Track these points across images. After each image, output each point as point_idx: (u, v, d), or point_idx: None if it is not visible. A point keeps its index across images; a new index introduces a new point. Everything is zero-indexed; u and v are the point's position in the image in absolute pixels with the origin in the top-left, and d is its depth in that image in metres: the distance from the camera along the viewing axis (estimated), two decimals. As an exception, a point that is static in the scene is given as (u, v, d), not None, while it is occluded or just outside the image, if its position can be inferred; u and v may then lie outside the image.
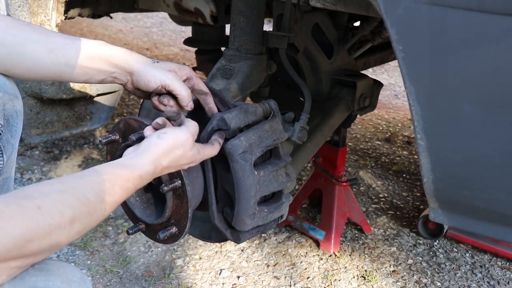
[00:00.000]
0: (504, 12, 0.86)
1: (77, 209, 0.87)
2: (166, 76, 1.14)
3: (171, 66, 1.18)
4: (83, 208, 0.88)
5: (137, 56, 1.16)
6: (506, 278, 2.07)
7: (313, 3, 1.34)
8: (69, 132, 1.95)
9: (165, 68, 1.16)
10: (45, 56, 1.08)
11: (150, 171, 1.02)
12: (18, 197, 0.82)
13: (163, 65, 1.17)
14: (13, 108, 1.09)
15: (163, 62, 1.18)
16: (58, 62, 1.10)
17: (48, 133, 1.89)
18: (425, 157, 1.07)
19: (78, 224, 0.86)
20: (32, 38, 1.07)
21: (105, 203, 0.91)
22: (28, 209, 0.80)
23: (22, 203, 0.81)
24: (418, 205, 2.55)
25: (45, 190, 0.86)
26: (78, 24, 5.35)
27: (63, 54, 1.10)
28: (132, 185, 0.98)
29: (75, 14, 2.01)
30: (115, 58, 1.13)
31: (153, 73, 1.14)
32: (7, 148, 1.09)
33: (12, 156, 1.12)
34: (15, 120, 1.10)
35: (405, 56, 0.97)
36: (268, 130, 1.23)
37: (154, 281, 1.95)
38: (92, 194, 0.90)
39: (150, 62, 1.16)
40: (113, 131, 1.23)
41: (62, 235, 0.83)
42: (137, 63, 1.15)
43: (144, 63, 1.16)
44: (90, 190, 0.91)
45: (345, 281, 2.00)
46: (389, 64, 4.16)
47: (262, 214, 1.24)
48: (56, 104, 1.87)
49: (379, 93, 1.93)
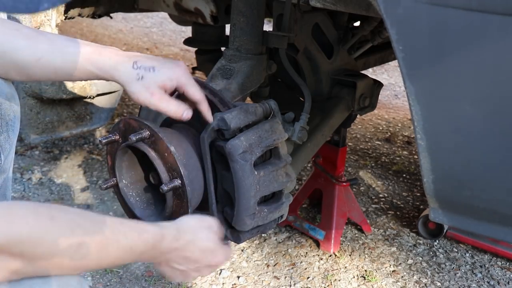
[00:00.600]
0: (504, 12, 0.86)
1: (89, 234, 0.85)
2: (149, 100, 1.09)
3: (158, 79, 1.09)
4: (96, 236, 0.86)
5: (124, 68, 1.09)
6: (506, 278, 2.07)
7: (313, 3, 1.34)
8: (69, 132, 1.95)
9: (150, 87, 1.08)
10: (34, 64, 1.06)
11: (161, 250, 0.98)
12: (37, 204, 0.84)
13: (149, 80, 1.09)
14: (11, 108, 1.09)
15: (150, 74, 1.09)
16: (46, 70, 1.08)
17: (48, 133, 1.89)
18: (425, 157, 1.07)
19: (85, 249, 0.84)
20: (20, 45, 1.05)
21: (119, 244, 0.89)
22: (41, 215, 0.81)
23: (38, 209, 0.81)
24: (418, 205, 2.55)
25: (65, 208, 0.86)
26: (78, 24, 5.34)
27: (50, 63, 1.07)
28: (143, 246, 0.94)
29: (75, 14, 2.01)
30: (101, 69, 1.09)
31: (137, 95, 1.09)
32: (5, 147, 1.09)
33: (10, 156, 1.12)
34: (13, 120, 1.10)
35: (405, 56, 0.97)
36: (268, 130, 1.23)
37: (154, 281, 1.95)
38: (110, 231, 0.89)
39: (134, 80, 1.08)
40: (113, 131, 1.24)
41: (66, 253, 0.82)
42: (122, 78, 1.09)
43: (129, 81, 1.08)
44: (109, 227, 0.89)
45: (345, 281, 2.00)
46: (389, 64, 4.16)
47: (262, 214, 1.24)
48: (56, 104, 1.87)
49: (379, 93, 1.93)
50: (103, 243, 0.87)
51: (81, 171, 2.67)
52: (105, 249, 0.88)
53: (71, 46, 1.09)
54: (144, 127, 1.17)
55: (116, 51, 1.11)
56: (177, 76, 1.11)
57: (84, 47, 1.09)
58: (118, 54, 1.10)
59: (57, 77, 1.12)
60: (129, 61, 1.09)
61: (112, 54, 1.09)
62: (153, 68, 1.09)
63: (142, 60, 1.09)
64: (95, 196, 2.45)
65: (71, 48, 1.09)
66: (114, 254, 0.89)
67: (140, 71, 1.08)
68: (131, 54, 1.11)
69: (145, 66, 1.09)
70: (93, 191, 2.49)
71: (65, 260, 0.83)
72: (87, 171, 2.66)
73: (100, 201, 2.42)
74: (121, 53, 1.10)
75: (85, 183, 2.56)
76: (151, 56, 1.13)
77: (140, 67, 1.09)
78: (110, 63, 1.08)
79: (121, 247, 0.90)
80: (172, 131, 1.26)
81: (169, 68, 1.10)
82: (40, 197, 2.42)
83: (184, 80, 1.12)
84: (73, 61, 1.08)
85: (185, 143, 1.23)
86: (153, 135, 1.16)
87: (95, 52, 1.09)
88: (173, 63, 1.12)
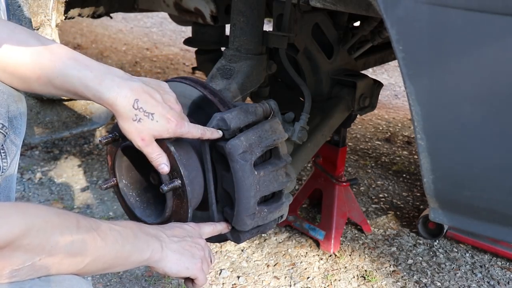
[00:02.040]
0: (504, 12, 0.86)
1: (88, 231, 0.90)
2: (136, 143, 1.09)
3: (154, 130, 1.07)
4: (92, 233, 0.91)
5: (122, 104, 1.05)
6: (506, 278, 2.07)
7: (313, 3, 1.34)
8: (69, 132, 1.95)
9: (143, 132, 1.07)
10: (34, 80, 1.06)
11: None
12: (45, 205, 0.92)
13: (146, 126, 1.07)
14: (17, 110, 1.10)
15: (148, 121, 1.06)
16: (45, 87, 1.07)
17: (48, 133, 1.89)
18: (425, 157, 1.07)
19: (83, 246, 0.88)
20: (25, 61, 1.04)
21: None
22: (51, 210, 0.87)
23: (49, 207, 0.88)
24: (418, 205, 2.55)
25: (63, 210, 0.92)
26: (78, 24, 5.34)
27: (49, 82, 1.06)
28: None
29: (75, 14, 2.01)
30: (100, 99, 1.05)
31: (127, 134, 1.08)
32: (11, 150, 1.10)
33: (15, 159, 1.13)
34: (19, 121, 1.11)
35: (405, 56, 0.97)
36: (268, 130, 1.23)
37: (154, 281, 1.95)
38: (106, 229, 0.95)
39: (131, 119, 1.06)
40: (113, 131, 1.23)
41: (67, 250, 0.85)
42: (118, 113, 1.07)
43: (125, 117, 1.06)
44: (103, 228, 0.95)
45: (345, 281, 2.00)
46: (389, 64, 4.16)
47: (262, 214, 1.24)
48: (56, 104, 1.87)
49: (379, 93, 1.93)
50: (99, 243, 0.91)
51: (81, 171, 2.67)
52: (101, 249, 0.91)
53: (73, 67, 1.05)
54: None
55: (119, 78, 1.06)
56: (173, 131, 1.09)
57: (85, 73, 1.04)
58: (120, 85, 1.05)
59: (58, 94, 1.13)
60: (130, 97, 1.05)
61: (114, 84, 1.05)
62: (152, 115, 1.06)
63: (144, 100, 1.06)
64: (95, 196, 2.45)
65: (73, 71, 1.05)
66: (108, 255, 0.93)
67: (139, 114, 1.05)
68: (135, 86, 1.06)
69: (145, 110, 1.06)
70: (93, 191, 2.49)
71: (65, 258, 0.85)
72: (87, 171, 2.66)
73: (100, 201, 2.42)
74: (123, 84, 1.05)
75: (85, 183, 2.56)
76: (152, 98, 1.08)
77: (140, 108, 1.06)
78: (110, 95, 1.04)
79: (114, 246, 0.94)
80: (172, 131, 1.26)
81: (167, 120, 1.08)
82: (40, 197, 2.42)
83: (180, 132, 1.11)
84: (72, 85, 1.05)
85: (185, 143, 1.23)
86: (153, 135, 1.16)
87: (95, 80, 1.05)
88: (171, 115, 1.10)
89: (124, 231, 0.98)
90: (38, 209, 0.85)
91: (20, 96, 1.12)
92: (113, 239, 0.94)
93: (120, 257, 0.96)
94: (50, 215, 0.85)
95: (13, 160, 1.11)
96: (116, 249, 0.94)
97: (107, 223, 0.96)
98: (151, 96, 1.07)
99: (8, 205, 0.84)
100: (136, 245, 0.99)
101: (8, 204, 0.84)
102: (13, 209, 0.81)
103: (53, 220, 0.85)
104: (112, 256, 0.94)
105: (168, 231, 1.10)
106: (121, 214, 2.30)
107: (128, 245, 0.97)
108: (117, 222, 1.00)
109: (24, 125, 1.13)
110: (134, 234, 1.00)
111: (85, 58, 1.08)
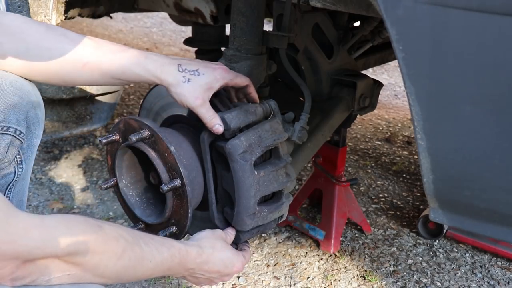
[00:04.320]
0: (504, 12, 0.85)
1: (130, 244, 0.91)
2: (192, 103, 1.12)
3: (203, 82, 1.12)
4: (135, 248, 0.92)
5: (170, 71, 1.12)
6: (506, 278, 2.07)
7: (313, 3, 1.34)
8: (69, 132, 1.95)
9: (196, 90, 1.12)
10: (80, 68, 1.10)
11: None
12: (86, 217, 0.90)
13: (195, 83, 1.11)
14: (35, 116, 1.11)
15: (196, 77, 1.12)
16: (92, 74, 1.12)
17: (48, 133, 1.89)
18: (425, 157, 1.07)
19: (127, 260, 0.89)
20: (66, 50, 1.07)
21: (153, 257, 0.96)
22: (93, 225, 0.88)
23: (89, 221, 0.89)
24: (418, 205, 2.55)
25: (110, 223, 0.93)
26: (78, 24, 5.34)
27: (96, 67, 1.10)
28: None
29: (75, 14, 2.01)
30: (149, 71, 1.12)
31: (182, 97, 1.12)
32: (27, 155, 1.11)
33: (30, 163, 1.14)
34: (36, 127, 1.12)
35: (405, 56, 0.97)
36: (268, 130, 1.23)
37: (154, 281, 1.95)
38: (145, 244, 0.95)
39: (181, 82, 1.11)
40: (113, 131, 1.24)
41: (110, 262, 0.87)
42: (169, 80, 1.12)
43: (175, 83, 1.12)
44: (144, 241, 0.96)
45: (345, 281, 2.00)
46: (389, 64, 4.16)
47: (262, 214, 1.24)
48: (56, 104, 1.87)
49: (379, 93, 1.93)
50: (140, 255, 0.92)
51: (81, 171, 2.67)
52: (140, 262, 0.93)
53: (117, 50, 1.12)
54: (144, 127, 1.17)
55: (159, 54, 1.15)
56: (221, 77, 1.15)
57: (131, 51, 1.12)
58: (162, 57, 1.13)
59: (103, 81, 1.15)
60: (174, 64, 1.12)
61: (157, 57, 1.13)
62: (197, 71, 1.13)
63: (186, 63, 1.13)
64: (95, 196, 2.45)
65: (118, 52, 1.11)
66: (147, 267, 0.94)
67: (186, 74, 1.12)
68: (173, 57, 1.15)
69: (189, 69, 1.12)
70: (93, 191, 2.49)
71: (108, 269, 0.87)
72: (87, 171, 2.66)
73: (100, 201, 2.42)
74: (164, 57, 1.14)
75: (85, 183, 2.56)
76: (191, 60, 1.17)
77: (185, 70, 1.12)
78: (156, 65, 1.11)
79: (154, 261, 0.95)
80: (172, 131, 1.26)
81: (212, 69, 1.15)
82: (40, 197, 2.42)
83: (228, 77, 1.17)
84: (121, 65, 1.10)
85: (185, 143, 1.23)
86: (153, 135, 1.16)
87: (141, 55, 1.12)
88: (214, 64, 1.17)
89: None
90: (81, 224, 0.86)
91: (40, 103, 1.13)
92: (143, 275, 0.96)
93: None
94: (94, 231, 0.86)
95: (28, 165, 1.12)
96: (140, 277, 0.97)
97: (147, 237, 0.98)
98: (189, 60, 1.15)
99: (83, 223, 0.86)
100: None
101: (83, 223, 0.86)
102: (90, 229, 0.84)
103: (96, 235, 0.86)
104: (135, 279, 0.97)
105: (205, 266, 1.10)
106: (121, 214, 2.30)
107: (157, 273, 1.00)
108: (155, 238, 1.01)
109: (41, 131, 1.15)
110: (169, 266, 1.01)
111: (123, 45, 1.15)
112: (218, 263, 1.12)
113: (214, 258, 1.11)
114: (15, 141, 1.07)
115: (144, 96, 1.44)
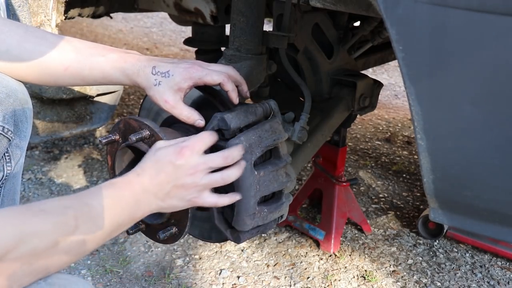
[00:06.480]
0: (504, 12, 0.85)
1: (78, 209, 0.87)
2: (163, 106, 1.11)
3: (172, 83, 1.10)
4: (84, 208, 0.89)
5: (144, 74, 1.10)
6: (506, 278, 2.07)
7: (313, 3, 1.34)
8: (69, 132, 1.95)
9: (165, 93, 1.10)
10: (62, 73, 1.10)
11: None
12: (21, 206, 0.86)
13: (165, 85, 1.10)
14: (23, 113, 1.11)
15: (165, 79, 1.10)
16: (74, 78, 1.12)
17: (48, 133, 1.89)
18: (425, 157, 1.07)
19: (82, 225, 0.86)
20: (47, 54, 1.08)
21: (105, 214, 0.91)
22: (32, 210, 0.83)
23: (28, 208, 0.84)
24: (418, 205, 2.55)
25: (46, 201, 0.89)
26: (78, 24, 5.34)
27: (78, 72, 1.11)
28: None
29: (75, 14, 2.01)
30: (127, 76, 1.11)
31: (154, 100, 1.12)
32: (15, 154, 1.10)
33: (20, 162, 1.13)
34: (24, 125, 1.12)
35: (405, 56, 0.97)
36: (268, 130, 1.23)
37: (154, 281, 1.95)
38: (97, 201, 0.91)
39: (152, 85, 1.10)
40: (113, 131, 1.23)
41: (67, 232, 0.84)
42: (143, 84, 1.11)
43: (148, 86, 1.11)
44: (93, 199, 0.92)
45: (345, 281, 2.00)
46: (389, 64, 4.16)
47: (262, 214, 1.24)
48: (56, 104, 1.87)
49: (379, 93, 1.93)
50: (92, 215, 0.89)
51: (81, 171, 2.67)
52: (95, 221, 0.89)
53: (97, 54, 1.11)
54: (144, 127, 1.17)
55: (138, 56, 1.13)
56: (190, 76, 1.12)
57: (110, 55, 1.11)
58: (140, 59, 1.12)
59: (85, 83, 1.16)
60: (149, 67, 1.11)
61: (135, 60, 1.12)
62: (168, 72, 1.11)
63: (160, 65, 1.11)
64: (95, 196, 2.45)
65: (98, 57, 1.11)
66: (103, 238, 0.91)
67: (158, 77, 1.11)
68: (152, 58, 1.13)
69: (161, 72, 1.11)
70: (93, 191, 2.49)
71: (70, 239, 0.84)
72: (87, 171, 2.66)
73: (100, 201, 2.41)
74: (143, 58, 1.12)
75: (85, 183, 2.56)
76: (169, 60, 1.14)
77: (158, 72, 1.11)
78: (134, 70, 1.11)
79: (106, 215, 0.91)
80: (172, 131, 1.26)
81: (183, 69, 1.12)
82: (40, 197, 2.42)
83: (198, 75, 1.12)
84: (101, 69, 1.11)
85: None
86: (153, 135, 1.16)
87: (120, 60, 1.11)
88: (187, 63, 1.13)
89: (119, 203, 0.95)
90: (33, 216, 0.82)
91: (27, 100, 1.12)
92: (109, 224, 0.92)
93: (117, 230, 0.95)
94: (44, 223, 0.82)
95: (17, 163, 1.11)
96: (112, 230, 0.93)
97: (100, 200, 0.92)
98: (166, 61, 1.12)
99: (3, 214, 0.82)
100: (132, 215, 0.98)
101: (3, 214, 0.83)
102: (7, 220, 0.79)
103: (47, 227, 0.82)
104: (107, 235, 0.93)
105: (154, 182, 1.00)
106: (121, 214, 2.30)
107: (126, 218, 0.96)
108: (110, 194, 0.95)
109: (29, 128, 1.14)
110: (129, 204, 0.97)
111: (102, 45, 1.14)
112: (164, 158, 1.01)
113: (158, 158, 1.01)
114: (3, 139, 1.06)
115: (144, 96, 1.44)
